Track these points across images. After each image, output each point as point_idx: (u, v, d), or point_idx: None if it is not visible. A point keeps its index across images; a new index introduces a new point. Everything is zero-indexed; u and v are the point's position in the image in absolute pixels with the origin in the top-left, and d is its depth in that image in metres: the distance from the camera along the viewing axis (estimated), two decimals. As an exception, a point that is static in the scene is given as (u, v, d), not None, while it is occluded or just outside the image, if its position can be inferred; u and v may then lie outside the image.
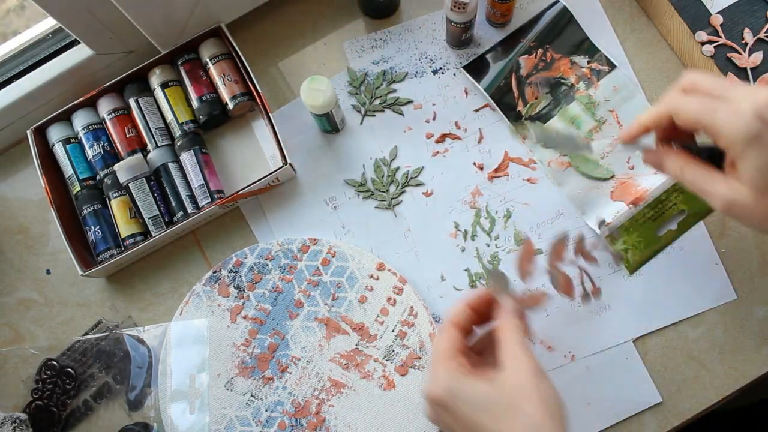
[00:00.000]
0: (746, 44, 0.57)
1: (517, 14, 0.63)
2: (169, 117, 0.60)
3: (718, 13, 0.58)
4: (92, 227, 0.59)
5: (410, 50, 0.63)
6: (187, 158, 0.59)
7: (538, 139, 0.52)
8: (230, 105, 0.60)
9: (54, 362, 0.58)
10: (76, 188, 0.60)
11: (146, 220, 0.58)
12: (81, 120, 0.60)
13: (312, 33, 0.65)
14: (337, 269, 0.58)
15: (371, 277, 0.57)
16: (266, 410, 0.56)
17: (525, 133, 0.53)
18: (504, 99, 0.60)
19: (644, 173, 0.58)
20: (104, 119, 0.61)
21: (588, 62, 0.61)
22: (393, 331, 0.56)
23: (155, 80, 0.61)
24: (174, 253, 0.61)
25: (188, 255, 0.61)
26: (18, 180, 0.64)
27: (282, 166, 0.57)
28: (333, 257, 0.58)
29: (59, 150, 0.60)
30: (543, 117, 0.60)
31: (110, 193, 0.59)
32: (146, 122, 0.60)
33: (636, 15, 0.63)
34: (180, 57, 0.61)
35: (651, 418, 0.55)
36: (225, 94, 0.60)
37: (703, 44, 0.57)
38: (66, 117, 0.61)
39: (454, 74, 0.62)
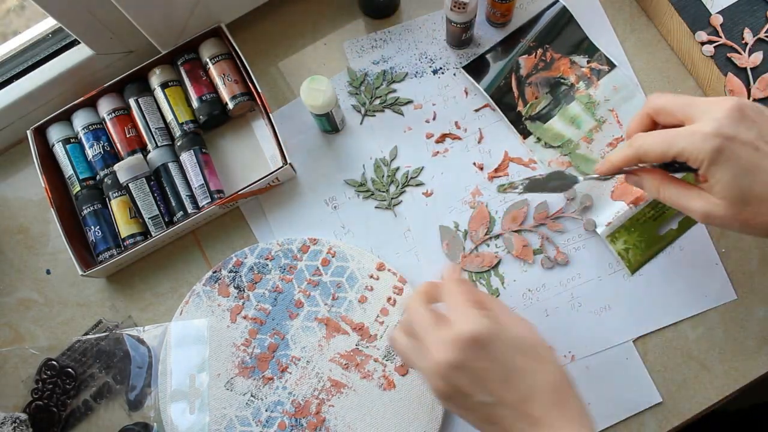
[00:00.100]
0: (746, 44, 0.57)
1: (517, 14, 0.63)
2: (169, 117, 0.61)
3: (718, 13, 0.58)
4: (92, 227, 0.59)
5: (410, 50, 0.63)
6: (187, 158, 0.59)
7: (525, 189, 0.55)
8: (230, 105, 0.60)
9: (54, 362, 0.58)
10: (76, 188, 0.60)
11: (146, 220, 0.58)
12: (81, 120, 0.60)
13: (312, 33, 0.65)
14: (337, 269, 0.58)
15: (371, 277, 0.57)
16: (266, 410, 0.55)
17: (509, 188, 0.56)
18: (504, 99, 0.60)
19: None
20: (104, 119, 0.61)
21: (588, 62, 0.61)
22: (393, 331, 0.56)
23: (155, 80, 0.61)
24: (174, 253, 0.61)
25: (188, 255, 0.61)
26: (18, 180, 0.64)
27: (282, 166, 0.57)
28: (333, 257, 0.58)
29: (59, 150, 0.60)
30: (543, 117, 0.60)
31: (110, 193, 0.59)
32: (146, 122, 0.60)
33: (636, 15, 0.63)
34: (180, 57, 0.61)
35: (651, 418, 0.55)
36: (225, 94, 0.60)
37: (703, 44, 0.57)
38: (66, 117, 0.61)
39: (454, 74, 0.62)
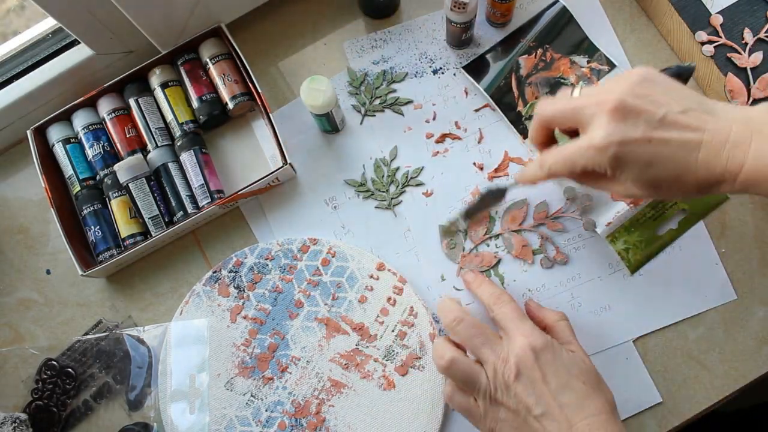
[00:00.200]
0: (746, 44, 0.57)
1: (517, 14, 0.63)
2: (169, 117, 0.61)
3: (718, 13, 0.58)
4: (92, 227, 0.59)
5: (410, 50, 0.63)
6: (187, 158, 0.59)
7: (465, 218, 0.56)
8: (230, 105, 0.60)
9: (54, 362, 0.58)
10: (76, 188, 0.60)
11: (146, 220, 0.58)
12: (81, 120, 0.60)
13: (312, 33, 0.65)
14: (337, 269, 0.58)
15: (371, 277, 0.57)
16: (266, 410, 0.55)
17: (453, 227, 0.58)
18: (504, 99, 0.60)
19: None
20: (104, 119, 0.61)
21: (588, 62, 0.61)
22: (393, 331, 0.56)
23: (155, 80, 0.61)
24: (174, 253, 0.61)
25: (188, 255, 0.61)
26: (18, 180, 0.64)
27: (282, 166, 0.57)
28: (333, 257, 0.58)
29: (59, 150, 0.60)
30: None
31: (110, 193, 0.59)
32: (146, 122, 0.60)
33: (636, 15, 0.63)
34: (180, 57, 0.61)
35: (651, 418, 0.55)
36: (225, 94, 0.60)
37: (703, 44, 0.57)
38: (66, 117, 0.61)
39: (454, 74, 0.62)
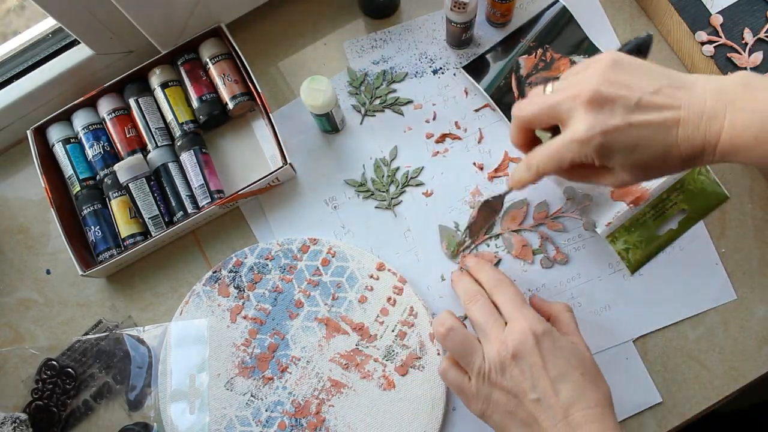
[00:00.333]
0: (746, 44, 0.57)
1: (517, 14, 0.63)
2: (169, 117, 0.60)
3: (718, 13, 0.58)
4: (92, 227, 0.59)
5: (410, 50, 0.63)
6: (187, 158, 0.59)
7: (470, 237, 0.57)
8: (230, 105, 0.60)
9: (54, 362, 0.58)
10: (76, 188, 0.60)
11: (146, 220, 0.58)
12: (81, 120, 0.60)
13: (312, 33, 0.65)
14: (337, 269, 0.58)
15: (371, 277, 0.57)
16: (266, 410, 0.55)
17: (461, 248, 0.58)
18: (504, 99, 0.60)
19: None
20: (104, 119, 0.61)
21: (588, 62, 0.61)
22: (393, 331, 0.56)
23: (155, 80, 0.61)
24: (174, 253, 0.61)
25: (188, 255, 0.61)
26: (18, 180, 0.64)
27: (282, 166, 0.57)
28: (333, 257, 0.58)
29: (59, 150, 0.60)
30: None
31: (110, 193, 0.59)
32: (146, 122, 0.60)
33: (636, 15, 0.63)
34: (180, 57, 0.61)
35: (651, 418, 0.55)
36: (225, 94, 0.60)
37: (703, 44, 0.57)
38: (66, 117, 0.61)
39: (454, 74, 0.62)
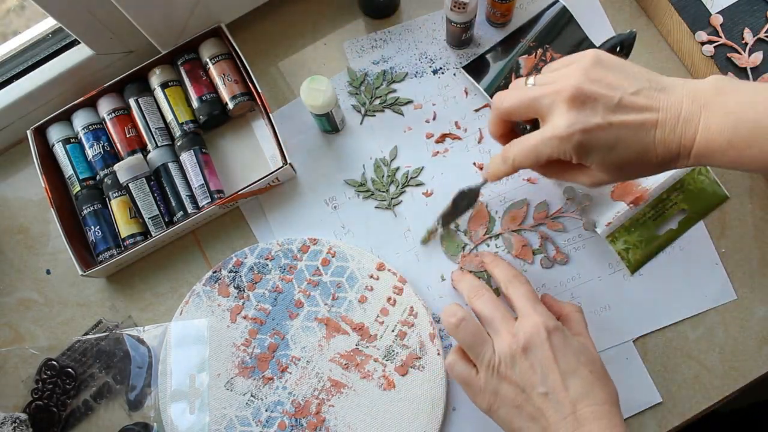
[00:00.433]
0: (746, 44, 0.57)
1: (517, 14, 0.63)
2: (169, 117, 0.60)
3: (718, 13, 0.58)
4: (92, 227, 0.59)
5: (410, 50, 0.63)
6: (187, 158, 0.59)
7: (442, 225, 0.57)
8: (230, 105, 0.60)
9: (54, 362, 0.58)
10: (76, 188, 0.60)
11: (146, 220, 0.58)
12: (81, 120, 0.60)
13: (312, 33, 0.65)
14: (337, 269, 0.58)
15: (371, 277, 0.57)
16: (266, 410, 0.55)
17: (431, 236, 0.59)
18: (504, 99, 0.60)
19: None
20: (104, 119, 0.61)
21: (588, 62, 0.61)
22: (393, 331, 0.56)
23: (155, 80, 0.61)
24: (174, 253, 0.61)
25: (188, 255, 0.61)
26: (18, 180, 0.64)
27: (282, 166, 0.57)
28: (333, 257, 0.58)
29: (59, 150, 0.60)
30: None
31: (110, 193, 0.59)
32: (146, 122, 0.60)
33: (636, 15, 0.63)
34: (180, 57, 0.61)
35: (651, 418, 0.55)
36: (225, 94, 0.60)
37: (703, 44, 0.57)
38: (66, 117, 0.61)
39: (454, 74, 0.62)
